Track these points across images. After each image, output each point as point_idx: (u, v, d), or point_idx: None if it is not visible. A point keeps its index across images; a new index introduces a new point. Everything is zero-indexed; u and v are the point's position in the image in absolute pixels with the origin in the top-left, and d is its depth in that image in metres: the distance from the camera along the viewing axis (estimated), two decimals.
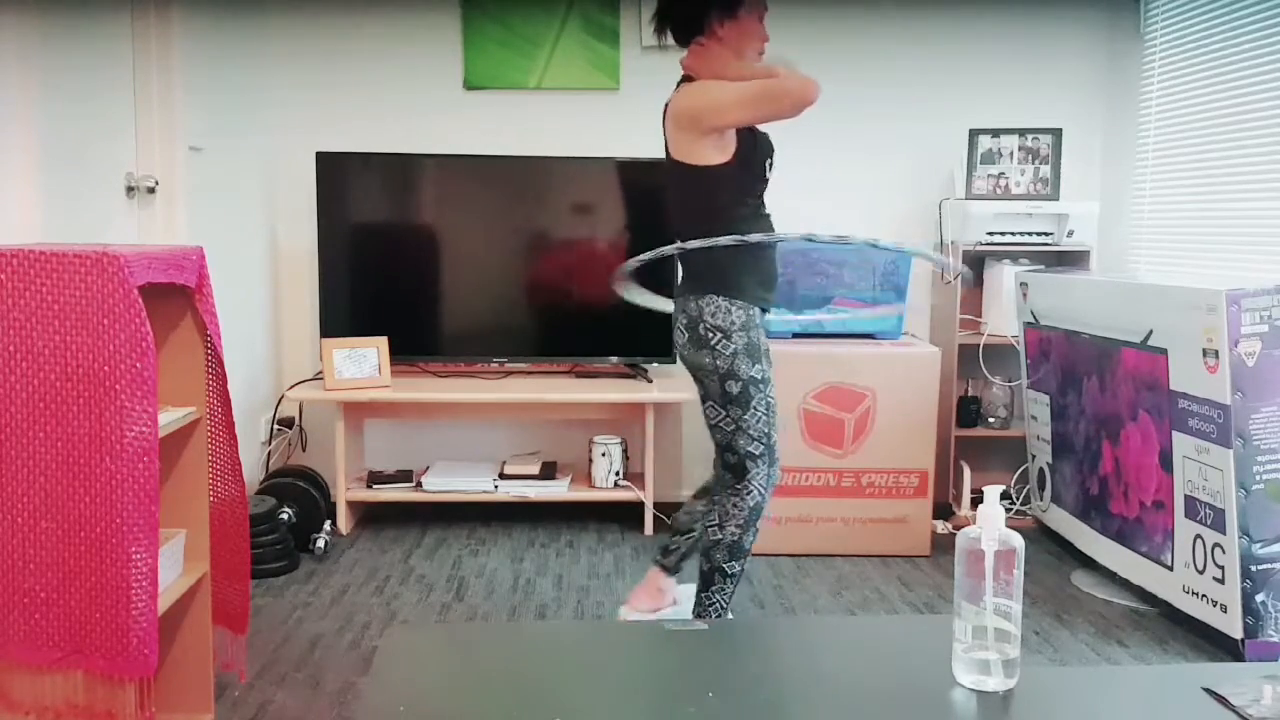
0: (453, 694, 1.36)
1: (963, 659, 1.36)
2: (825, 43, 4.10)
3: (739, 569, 2.70)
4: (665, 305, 2.92)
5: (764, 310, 2.68)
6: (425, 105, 4.11)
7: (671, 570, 2.89)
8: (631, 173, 3.96)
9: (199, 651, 2.31)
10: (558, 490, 3.87)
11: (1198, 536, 2.82)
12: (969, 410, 4.03)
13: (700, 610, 2.74)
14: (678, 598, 2.91)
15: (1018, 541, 1.33)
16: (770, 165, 2.67)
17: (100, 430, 1.82)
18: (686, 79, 2.64)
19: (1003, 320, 3.89)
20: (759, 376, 2.60)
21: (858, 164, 4.18)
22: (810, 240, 2.60)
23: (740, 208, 2.64)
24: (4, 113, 2.43)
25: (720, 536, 2.68)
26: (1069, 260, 3.92)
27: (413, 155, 3.97)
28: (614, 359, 4.02)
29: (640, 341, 3.97)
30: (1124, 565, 3.19)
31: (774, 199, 2.75)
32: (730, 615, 2.80)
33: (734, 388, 2.59)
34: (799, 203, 3.93)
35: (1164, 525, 2.97)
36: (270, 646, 2.79)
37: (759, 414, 2.61)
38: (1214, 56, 3.57)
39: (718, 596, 2.71)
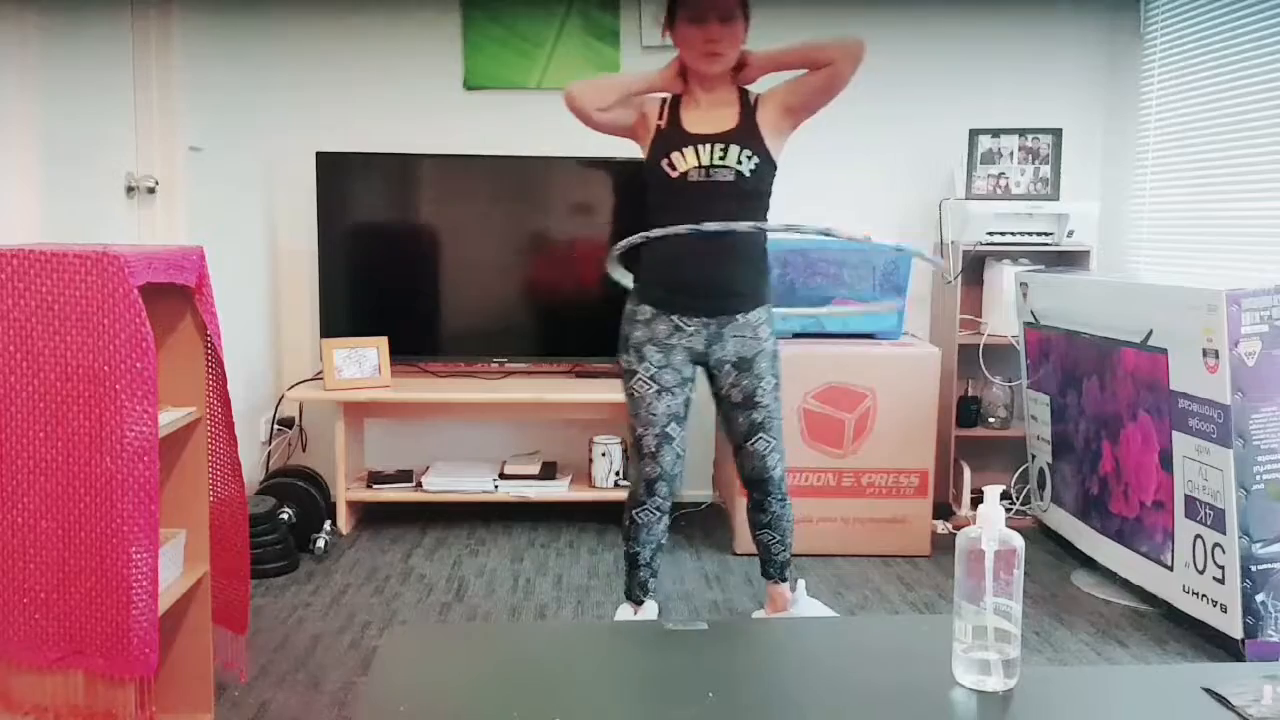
0: (453, 694, 1.36)
1: (963, 659, 1.36)
2: None
3: (624, 549, 2.86)
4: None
5: (662, 310, 2.71)
6: (425, 105, 4.11)
7: (767, 577, 2.99)
8: (631, 173, 3.95)
9: (199, 651, 2.31)
10: (558, 490, 3.87)
11: (1198, 536, 2.82)
12: (969, 410, 4.03)
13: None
14: (795, 599, 3.01)
15: (1018, 541, 1.33)
16: (672, 164, 2.63)
17: (100, 430, 1.82)
18: None
19: (1003, 320, 3.89)
20: (625, 366, 2.79)
21: (857, 164, 4.18)
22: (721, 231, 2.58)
23: (655, 205, 2.72)
24: (4, 112, 2.43)
25: None
26: (1069, 260, 3.92)
27: (413, 155, 3.97)
28: (614, 359, 4.02)
29: None
30: (1124, 565, 3.19)
31: (775, 199, 2.74)
32: (638, 604, 2.88)
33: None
34: (799, 203, 3.92)
35: (1164, 525, 2.97)
36: (270, 646, 2.79)
37: (630, 400, 2.79)
38: (1214, 56, 3.57)
39: (626, 577, 2.89)
